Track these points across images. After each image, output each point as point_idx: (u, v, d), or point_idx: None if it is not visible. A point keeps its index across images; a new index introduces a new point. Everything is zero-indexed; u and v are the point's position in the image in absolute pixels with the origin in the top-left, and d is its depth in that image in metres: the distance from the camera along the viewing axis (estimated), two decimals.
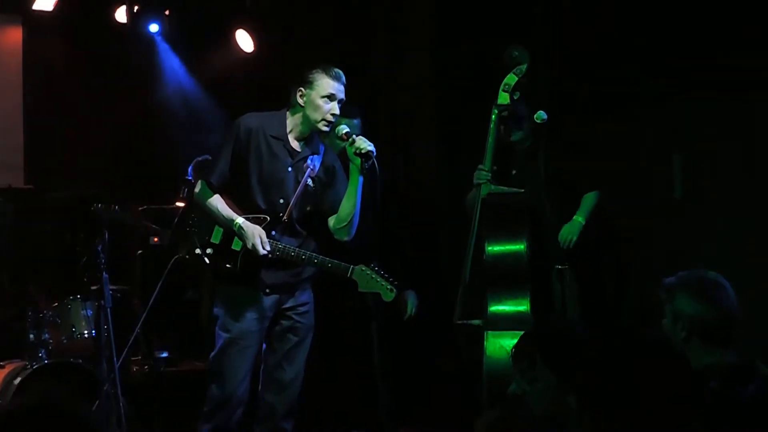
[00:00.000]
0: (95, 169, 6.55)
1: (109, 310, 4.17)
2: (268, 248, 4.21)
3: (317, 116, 4.28)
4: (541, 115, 4.67)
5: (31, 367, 4.94)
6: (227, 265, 4.30)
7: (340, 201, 4.36)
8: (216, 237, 4.34)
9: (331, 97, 4.27)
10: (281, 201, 4.32)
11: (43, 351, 5.10)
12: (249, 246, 4.20)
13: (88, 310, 5.24)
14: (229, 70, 6.79)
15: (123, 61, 6.81)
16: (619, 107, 5.61)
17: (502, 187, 4.90)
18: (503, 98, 4.85)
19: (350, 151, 4.21)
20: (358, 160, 4.20)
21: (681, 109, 5.41)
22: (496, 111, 4.90)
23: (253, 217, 4.27)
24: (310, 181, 4.36)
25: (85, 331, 5.25)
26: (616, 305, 5.47)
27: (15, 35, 6.85)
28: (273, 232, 4.28)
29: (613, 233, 5.59)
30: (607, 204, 5.24)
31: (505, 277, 4.75)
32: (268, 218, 4.28)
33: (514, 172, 5.03)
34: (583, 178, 5.10)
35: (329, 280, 4.48)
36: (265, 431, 4.42)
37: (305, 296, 4.47)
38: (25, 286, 5.36)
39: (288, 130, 4.36)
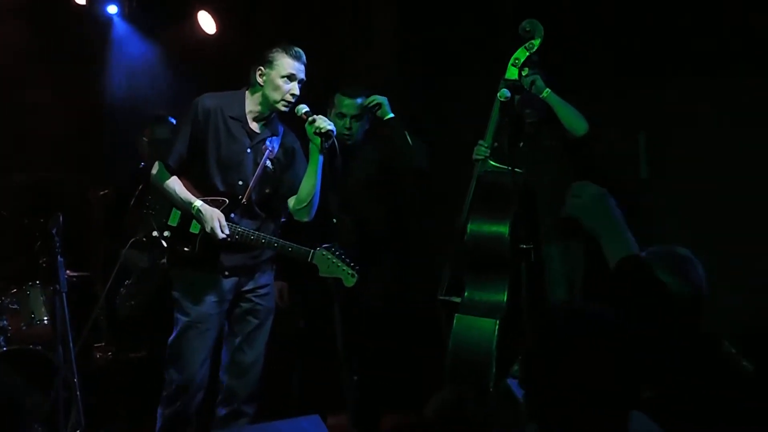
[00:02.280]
0: (54, 153, 6.45)
1: (64, 294, 4.08)
2: (227, 232, 4.15)
3: (277, 96, 4.22)
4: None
5: None
6: (185, 249, 4.24)
7: (300, 182, 4.31)
8: (173, 219, 4.28)
9: (291, 77, 4.21)
10: (240, 183, 4.26)
11: (1, 338, 5.01)
12: (207, 230, 4.15)
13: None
14: (191, 52, 6.69)
15: (82, 43, 6.69)
16: (583, 86, 5.58)
17: (500, 165, 4.78)
18: (512, 73, 4.69)
19: (310, 130, 4.17)
20: (318, 140, 4.16)
21: (646, 88, 5.40)
22: (503, 85, 4.72)
23: (211, 200, 4.22)
24: (269, 163, 4.30)
25: (45, 318, 5.17)
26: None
27: None
28: (232, 215, 4.23)
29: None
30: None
31: (485, 261, 4.67)
32: (227, 201, 4.22)
33: (521, 144, 4.95)
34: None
35: (291, 263, 4.45)
36: (226, 415, 4.38)
37: (265, 278, 4.42)
38: None
39: (247, 110, 4.30)
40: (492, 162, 4.79)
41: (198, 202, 4.19)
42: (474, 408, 2.15)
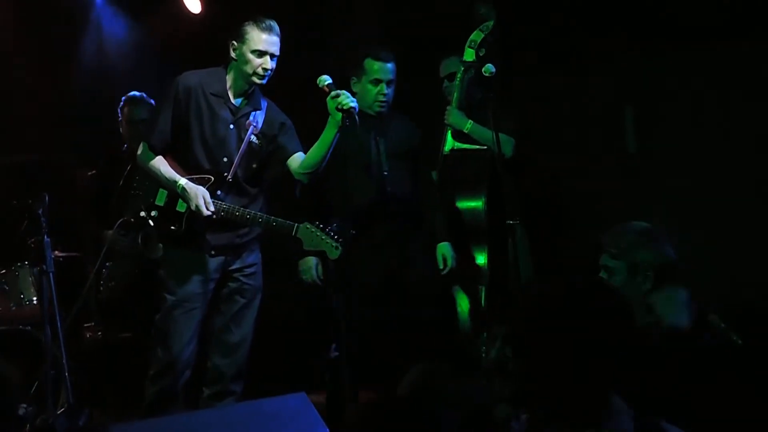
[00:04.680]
0: (41, 134, 6.41)
1: (51, 274, 4.08)
2: (211, 209, 4.16)
3: (249, 70, 4.23)
4: (489, 68, 4.63)
5: None
6: (172, 227, 4.25)
7: (293, 155, 4.36)
8: (160, 199, 4.29)
9: (262, 52, 4.21)
10: (225, 160, 4.27)
11: None
12: (192, 207, 4.16)
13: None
14: (176, 32, 6.62)
15: (65, 23, 6.63)
16: (568, 60, 5.58)
17: (465, 144, 4.91)
18: (469, 55, 4.83)
19: (331, 105, 4.11)
20: (339, 116, 4.10)
21: (632, 60, 5.39)
22: (462, 68, 4.89)
23: (197, 178, 4.23)
24: (254, 138, 4.31)
25: (34, 298, 5.17)
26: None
27: None
28: (218, 192, 4.24)
29: (561, 188, 5.62)
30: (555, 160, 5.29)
31: (464, 233, 4.81)
32: (212, 178, 4.23)
33: (469, 126, 4.99)
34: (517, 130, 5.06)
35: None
36: (213, 394, 4.40)
37: (252, 257, 4.44)
38: None
39: (228, 86, 4.31)
40: (457, 143, 4.90)
41: (183, 180, 4.20)
42: (450, 382, 2.14)
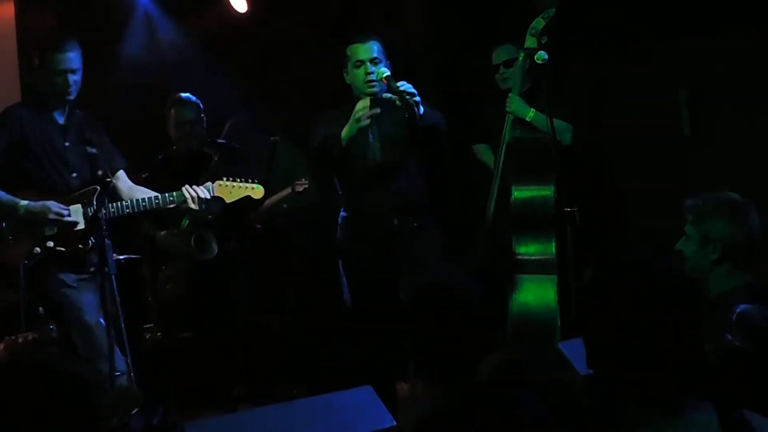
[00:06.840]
0: None
1: (113, 276, 4.12)
2: (66, 211, 4.29)
3: (58, 89, 4.38)
4: (542, 55, 4.62)
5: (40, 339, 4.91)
6: (80, 246, 4.39)
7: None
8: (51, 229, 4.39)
9: (62, 71, 4.35)
10: (74, 175, 4.44)
11: (53, 323, 5.07)
12: (52, 217, 4.27)
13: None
14: (221, 32, 6.63)
15: (109, 25, 6.68)
16: (624, 43, 5.53)
17: (526, 132, 4.92)
18: (531, 42, 4.82)
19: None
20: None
21: (687, 43, 5.33)
22: (523, 54, 4.89)
23: (80, 193, 4.38)
24: (90, 149, 4.43)
25: None
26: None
27: (7, 10, 6.75)
28: (105, 201, 4.30)
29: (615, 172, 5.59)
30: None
31: (532, 222, 4.83)
32: (98, 188, 4.35)
33: (531, 114, 4.97)
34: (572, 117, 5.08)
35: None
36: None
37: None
38: None
39: (48, 107, 4.45)
40: (519, 131, 4.91)
41: (23, 202, 4.28)
42: (537, 368, 2.12)
